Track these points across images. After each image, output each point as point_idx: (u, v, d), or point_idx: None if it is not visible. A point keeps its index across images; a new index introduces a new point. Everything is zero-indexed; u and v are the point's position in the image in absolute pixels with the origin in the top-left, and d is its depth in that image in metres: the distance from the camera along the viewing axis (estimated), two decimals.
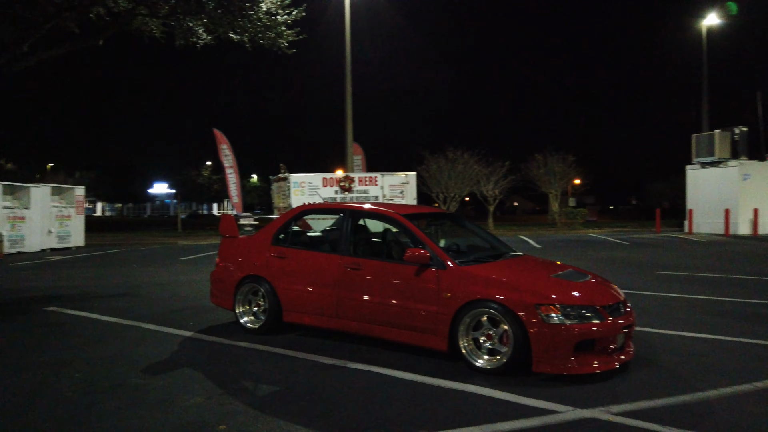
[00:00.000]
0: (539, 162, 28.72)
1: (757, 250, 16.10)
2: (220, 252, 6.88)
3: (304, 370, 5.01)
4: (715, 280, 10.16)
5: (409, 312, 5.29)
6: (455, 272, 5.12)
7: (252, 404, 4.14)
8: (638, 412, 3.93)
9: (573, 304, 4.68)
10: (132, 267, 13.10)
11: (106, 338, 6.19)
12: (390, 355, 5.37)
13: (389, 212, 6.01)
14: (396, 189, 19.61)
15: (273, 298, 6.18)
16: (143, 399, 4.26)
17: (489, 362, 4.82)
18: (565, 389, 4.43)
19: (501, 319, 4.77)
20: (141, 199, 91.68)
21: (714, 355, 5.39)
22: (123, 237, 23.93)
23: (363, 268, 5.65)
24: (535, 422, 3.78)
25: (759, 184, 23.59)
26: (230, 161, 24.39)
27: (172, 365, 5.17)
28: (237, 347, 5.78)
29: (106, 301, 8.54)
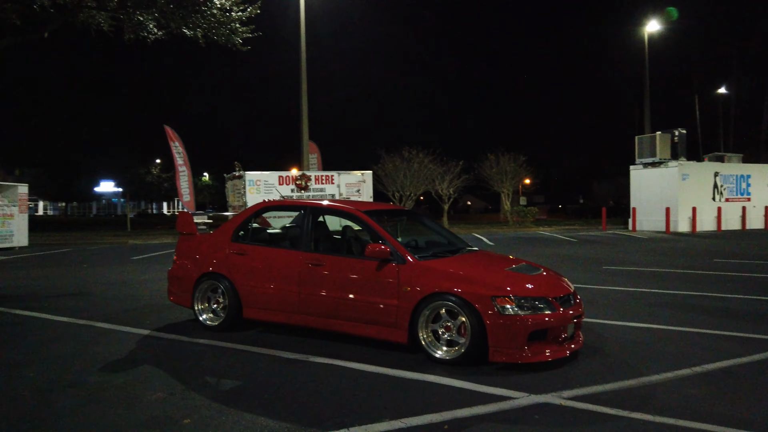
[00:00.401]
0: (491, 161, 29.34)
1: (694, 246, 16.94)
2: (177, 249, 6.82)
3: (266, 365, 5.06)
4: (656, 274, 10.68)
5: (370, 306, 5.40)
6: (415, 267, 5.26)
7: (215, 398, 4.17)
8: (588, 397, 4.16)
9: (527, 296, 4.89)
10: (81, 267, 12.74)
11: (59, 338, 6.06)
12: (351, 349, 5.47)
13: (350, 209, 6.10)
14: (352, 187, 19.71)
15: (233, 295, 6.19)
16: (102, 396, 4.23)
17: (448, 353, 4.99)
18: (520, 377, 4.63)
19: (459, 311, 4.94)
20: (86, 198, 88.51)
21: (656, 343, 5.72)
22: (69, 237, 23.14)
23: (324, 264, 5.73)
24: (492, 408, 3.95)
25: (697, 183, 24.78)
26: (182, 159, 23.92)
27: (131, 363, 5.13)
28: (197, 344, 5.76)
29: (57, 301, 8.32)
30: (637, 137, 26.43)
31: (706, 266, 11.89)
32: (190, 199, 23.66)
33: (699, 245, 17.22)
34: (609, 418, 3.75)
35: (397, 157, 26.79)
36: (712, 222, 24.76)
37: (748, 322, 6.55)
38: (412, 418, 3.76)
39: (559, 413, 3.87)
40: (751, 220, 25.83)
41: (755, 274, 10.55)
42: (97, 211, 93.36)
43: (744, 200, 26.13)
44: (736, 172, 26.14)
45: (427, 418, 3.76)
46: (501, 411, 3.91)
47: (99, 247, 18.73)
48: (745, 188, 26.44)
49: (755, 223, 25.96)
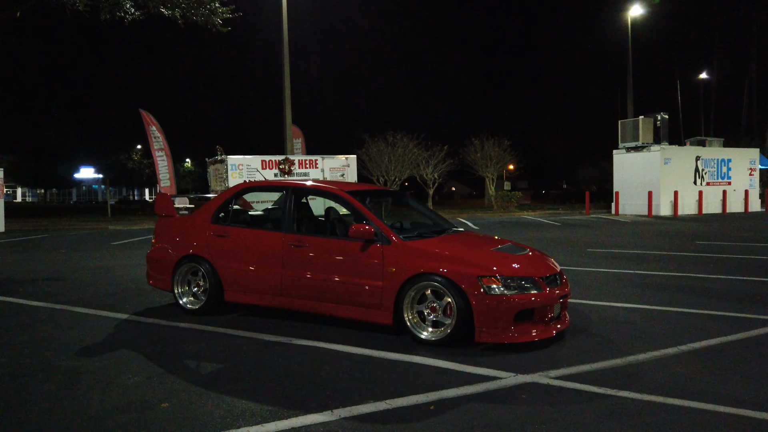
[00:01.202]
0: (476, 146, 29.27)
1: (676, 229, 17.06)
2: (156, 232, 6.65)
3: (248, 348, 4.95)
4: (640, 256, 10.71)
5: (354, 288, 5.30)
6: (400, 247, 5.16)
7: (195, 382, 4.06)
8: (575, 376, 4.11)
9: (513, 276, 4.82)
10: (59, 252, 12.46)
11: (33, 323, 5.88)
12: (335, 331, 5.38)
13: (333, 189, 5.98)
14: (336, 171, 19.53)
15: (214, 277, 6.05)
16: (78, 381, 4.09)
17: (433, 334, 4.91)
18: (506, 357, 4.57)
19: (444, 291, 4.85)
20: (66, 185, 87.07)
21: (642, 323, 5.70)
22: (48, 222, 22.69)
23: (307, 245, 5.61)
24: (479, 388, 3.89)
25: (679, 168, 24.96)
26: (160, 143, 23.51)
27: (108, 347, 4.98)
28: (177, 328, 5.63)
29: (32, 285, 8.10)
30: (620, 121, 26.52)
31: (688, 248, 11.96)
32: (170, 184, 23.32)
33: (681, 228, 17.36)
34: (596, 397, 3.70)
35: (381, 141, 26.61)
36: (694, 206, 25.00)
37: (731, 301, 6.57)
38: (398, 399, 3.68)
39: (546, 392, 3.81)
40: (732, 203, 26.13)
41: (737, 256, 10.63)
42: (77, 198, 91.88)
43: (725, 184, 26.40)
44: (717, 156, 26.36)
45: (413, 399, 3.68)
46: (488, 391, 3.84)
47: (78, 233, 18.38)
48: (725, 172, 26.69)
49: (735, 207, 26.27)
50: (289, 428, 3.26)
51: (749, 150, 28.60)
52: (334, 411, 3.49)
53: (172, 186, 23.04)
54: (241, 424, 3.31)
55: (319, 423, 3.32)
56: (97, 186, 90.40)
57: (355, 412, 3.47)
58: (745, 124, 45.51)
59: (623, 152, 26.07)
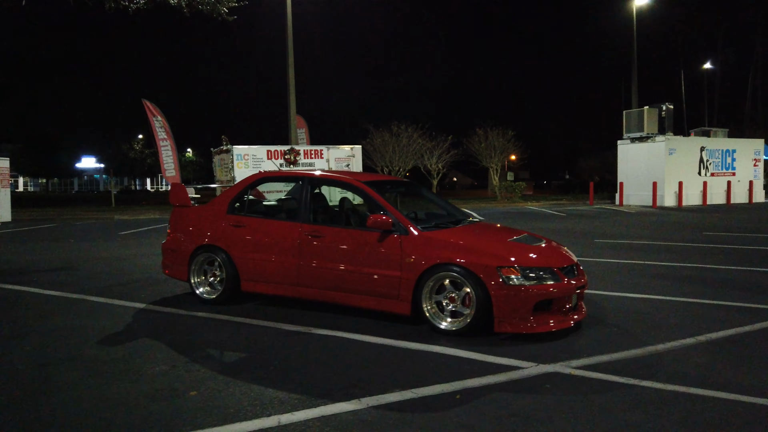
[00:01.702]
0: (480, 136, 29.21)
1: (682, 220, 17.07)
2: (171, 222, 6.67)
3: (268, 337, 4.98)
4: (648, 247, 10.73)
5: (371, 278, 5.32)
6: (418, 238, 5.18)
7: (221, 371, 4.09)
8: (596, 366, 4.14)
9: (532, 266, 4.85)
10: (68, 242, 12.50)
11: (52, 312, 5.92)
12: (353, 321, 5.41)
13: (350, 180, 5.99)
14: (342, 162, 19.52)
15: (230, 267, 6.07)
16: (103, 370, 4.13)
17: (452, 324, 4.94)
18: (525, 347, 4.61)
19: (463, 281, 4.88)
20: (67, 174, 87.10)
21: (656, 313, 5.72)
22: (53, 212, 22.72)
23: (324, 236, 5.63)
24: (502, 378, 3.92)
25: (684, 158, 24.92)
26: (164, 133, 23.50)
27: (129, 336, 5.02)
28: (195, 317, 5.66)
29: (46, 275, 8.14)
30: (625, 112, 26.44)
31: (696, 239, 11.98)
32: (175, 174, 23.32)
33: (686, 219, 17.37)
34: (619, 387, 3.74)
35: (385, 131, 26.56)
36: (698, 196, 24.99)
37: (744, 292, 6.59)
38: (423, 388, 3.72)
39: (569, 382, 3.85)
40: (736, 194, 26.11)
41: (744, 247, 10.65)
42: (78, 187, 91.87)
43: (729, 175, 26.37)
44: (722, 147, 26.30)
45: (438, 388, 3.71)
46: (511, 381, 3.87)
47: (84, 222, 18.42)
48: (730, 163, 26.64)
49: (739, 198, 26.25)
50: (318, 416, 3.29)
51: (754, 140, 28.53)
52: (362, 400, 3.52)
53: (176, 176, 23.04)
54: (270, 412, 3.34)
55: (348, 411, 3.36)
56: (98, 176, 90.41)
57: (383, 401, 3.51)
58: (749, 113, 45.38)
59: (627, 143, 26.01)
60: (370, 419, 3.26)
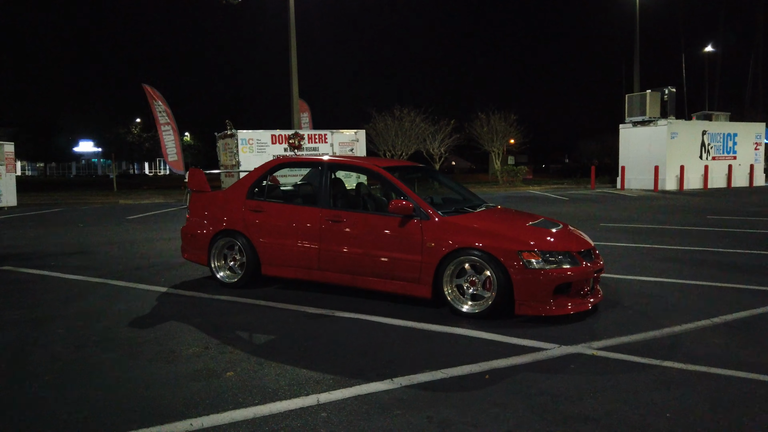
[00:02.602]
0: (482, 121, 29.21)
1: (685, 203, 17.20)
2: (190, 207, 6.75)
3: (293, 320, 5.10)
4: (655, 231, 10.86)
5: (392, 262, 5.43)
6: (439, 222, 5.28)
7: (253, 352, 4.21)
8: (618, 347, 4.27)
9: (552, 250, 4.96)
10: (77, 226, 12.58)
11: (77, 295, 6.03)
12: (374, 304, 5.53)
13: (369, 165, 6.07)
14: (346, 146, 19.56)
15: (251, 252, 6.18)
16: (139, 351, 4.24)
17: (473, 307, 5.06)
18: (546, 329, 4.73)
19: (484, 265, 4.99)
20: (65, 158, 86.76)
21: (670, 296, 5.85)
22: (58, 196, 22.76)
23: (344, 221, 5.73)
24: (527, 358, 4.05)
25: (685, 142, 24.99)
26: (166, 117, 23.42)
27: (158, 319, 5.13)
28: (218, 300, 5.78)
29: (63, 259, 8.24)
30: (627, 95, 26.43)
31: (700, 222, 12.11)
32: (177, 158, 23.27)
33: (689, 203, 17.50)
34: (642, 367, 3.86)
35: (387, 115, 26.54)
36: (699, 180, 25.10)
37: (753, 275, 6.72)
38: (452, 368, 3.84)
39: (593, 363, 3.97)
40: (737, 178, 26.23)
41: (749, 230, 10.78)
42: (77, 172, 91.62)
43: (730, 158, 26.47)
44: (724, 131, 26.37)
45: (466, 369, 3.84)
46: (536, 361, 4.00)
47: (90, 206, 18.49)
48: (731, 147, 26.73)
49: (740, 182, 26.37)
50: (354, 395, 3.42)
51: (755, 124, 28.58)
52: (394, 380, 3.64)
53: (179, 160, 23.01)
54: (308, 392, 3.46)
55: (383, 391, 3.48)
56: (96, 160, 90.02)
57: (415, 381, 3.63)
58: (750, 96, 45.37)
59: (629, 126, 26.04)
60: (405, 398, 3.39)
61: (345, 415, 3.16)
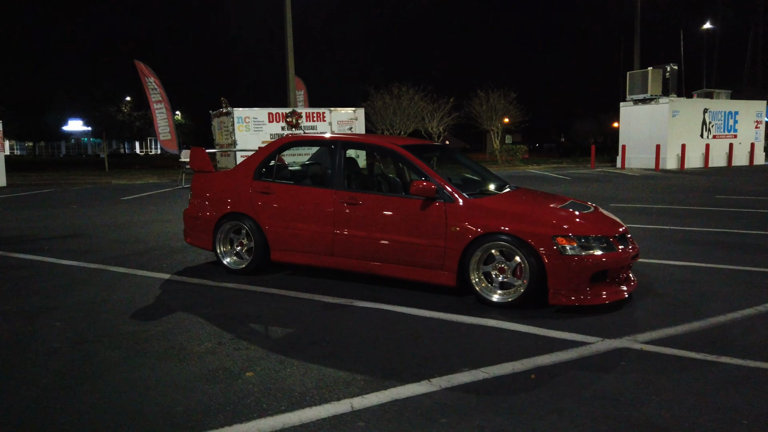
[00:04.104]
0: (481, 99, 28.69)
1: (689, 183, 16.92)
2: (193, 188, 6.35)
3: (309, 310, 4.75)
4: (667, 212, 10.56)
5: (413, 248, 5.08)
6: (464, 205, 4.92)
7: (271, 348, 3.86)
8: (665, 340, 3.96)
9: (588, 235, 4.61)
10: (70, 208, 12.12)
11: (75, 283, 5.64)
12: (393, 293, 5.19)
13: (387, 144, 5.69)
14: (344, 125, 19.10)
15: (259, 236, 5.80)
16: (146, 348, 3.88)
17: (503, 296, 4.72)
18: (583, 320, 4.41)
19: (515, 251, 4.64)
20: (54, 137, 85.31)
21: (704, 282, 5.54)
22: (48, 177, 22.16)
23: (361, 203, 5.35)
24: (572, 354, 3.72)
25: (686, 120, 24.65)
26: (159, 95, 22.82)
27: (162, 310, 4.77)
28: (226, 289, 5.41)
29: (57, 243, 7.83)
30: (629, 73, 25.98)
31: (711, 202, 11.82)
32: (171, 137, 22.76)
33: (694, 182, 17.22)
34: (699, 364, 3.55)
35: (386, 93, 25.97)
36: (699, 159, 24.83)
37: None
38: (492, 367, 3.51)
39: (643, 359, 3.65)
40: (737, 156, 25.98)
41: (763, 211, 10.49)
42: (66, 151, 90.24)
43: (731, 137, 26.19)
44: (724, 109, 26.03)
45: (508, 367, 3.51)
46: (582, 358, 3.68)
47: (82, 187, 17.97)
48: (732, 125, 26.42)
49: (740, 160, 26.13)
50: (392, 400, 3.08)
51: (756, 102, 28.25)
52: (432, 381, 3.31)
53: (173, 139, 22.49)
54: (339, 396, 3.12)
55: (423, 394, 3.15)
56: (86, 139, 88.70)
57: (455, 382, 3.30)
58: (748, 75, 44.99)
59: (630, 105, 25.65)
60: (448, 402, 3.05)
61: (385, 423, 2.82)
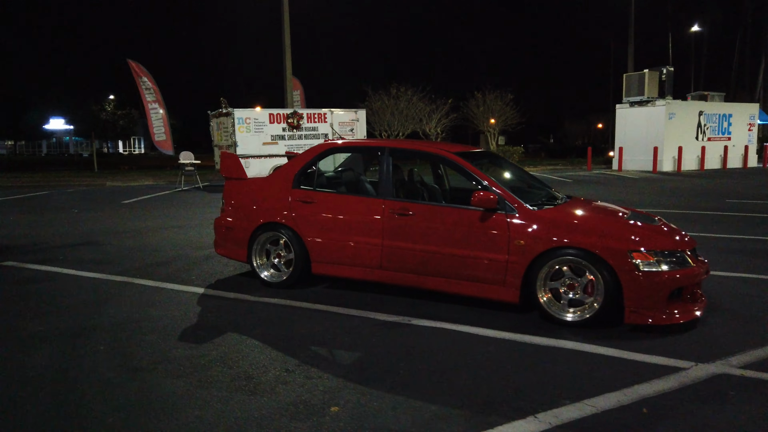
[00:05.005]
0: (478, 100, 28.51)
1: (693, 186, 16.84)
2: (226, 196, 6.00)
3: (366, 329, 4.44)
4: (687, 217, 10.38)
5: (471, 261, 4.79)
6: (528, 217, 4.65)
7: (345, 376, 3.55)
8: (761, 364, 3.71)
9: (665, 249, 4.37)
10: (73, 212, 11.64)
11: (104, 299, 5.27)
12: (446, 309, 4.90)
13: (438, 150, 5.40)
14: (346, 126, 18.75)
15: (299, 247, 5.48)
16: (209, 377, 3.54)
17: (575, 315, 4.45)
18: (661, 342, 4.16)
19: (587, 267, 4.38)
20: (35, 136, 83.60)
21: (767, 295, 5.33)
22: (38, 178, 21.47)
23: (413, 214, 5.05)
24: (673, 383, 3.46)
25: (682, 123, 24.72)
26: (153, 95, 22.29)
27: (210, 330, 4.43)
28: (269, 305, 5.08)
29: (70, 252, 7.41)
30: (625, 75, 25.98)
31: (724, 207, 11.70)
32: (166, 138, 22.22)
33: (697, 185, 17.16)
34: None
35: (384, 94, 25.66)
36: (695, 161, 24.89)
37: None
38: (595, 398, 3.24)
39: (751, 388, 3.40)
40: (731, 159, 26.13)
41: None
42: (47, 150, 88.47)
43: (725, 139, 26.32)
44: (719, 112, 26.16)
45: (612, 399, 3.23)
46: (685, 387, 3.41)
47: (76, 189, 17.41)
48: (726, 127, 26.56)
49: (734, 162, 26.29)
50: None
51: (749, 105, 28.48)
52: (538, 416, 3.03)
53: (168, 140, 21.94)
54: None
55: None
56: (68, 138, 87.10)
57: (563, 418, 3.01)
58: (736, 77, 45.43)
59: (627, 107, 25.63)
60: None
61: None
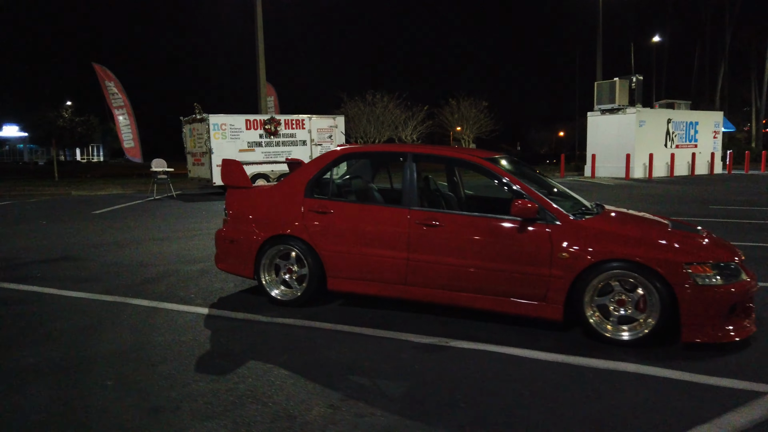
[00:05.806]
0: (453, 107, 28.44)
1: (670, 192, 16.94)
2: (229, 206, 5.50)
3: (404, 354, 4.02)
4: None
5: (509, 276, 4.43)
6: (572, 227, 4.32)
7: (400, 413, 3.13)
8: None
9: (722, 262, 4.09)
10: (40, 223, 10.85)
11: (96, 323, 4.70)
12: (481, 328, 4.53)
13: (465, 155, 5.06)
14: (324, 132, 18.30)
15: (314, 262, 5.03)
16: (245, 416, 3.07)
17: (630, 333, 4.13)
18: (724, 361, 3.88)
19: (640, 281, 4.07)
20: None
21: None
22: None
23: (442, 225, 4.67)
24: (762, 411, 3.15)
25: (652, 130, 25.12)
26: (120, 101, 21.44)
27: (229, 358, 3.94)
28: (285, 326, 4.62)
29: (48, 268, 6.76)
30: (597, 83, 26.28)
31: (710, 213, 11.70)
32: (134, 145, 21.40)
33: (673, 191, 17.29)
34: None
35: (359, 101, 25.30)
36: (664, 168, 25.28)
37: None
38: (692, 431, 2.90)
39: None
40: (699, 166, 26.65)
41: None
42: (0, 158, 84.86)
43: (692, 147, 26.84)
44: (686, 119, 26.68)
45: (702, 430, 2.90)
46: None
47: (40, 200, 16.43)
48: (693, 135, 27.10)
49: (702, 169, 26.83)
50: None
51: (714, 113, 29.17)
52: None
53: (136, 147, 21.09)
54: None
55: None
56: (22, 145, 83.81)
57: None
58: (696, 86, 46.75)
59: (598, 114, 25.90)
60: None
61: None
